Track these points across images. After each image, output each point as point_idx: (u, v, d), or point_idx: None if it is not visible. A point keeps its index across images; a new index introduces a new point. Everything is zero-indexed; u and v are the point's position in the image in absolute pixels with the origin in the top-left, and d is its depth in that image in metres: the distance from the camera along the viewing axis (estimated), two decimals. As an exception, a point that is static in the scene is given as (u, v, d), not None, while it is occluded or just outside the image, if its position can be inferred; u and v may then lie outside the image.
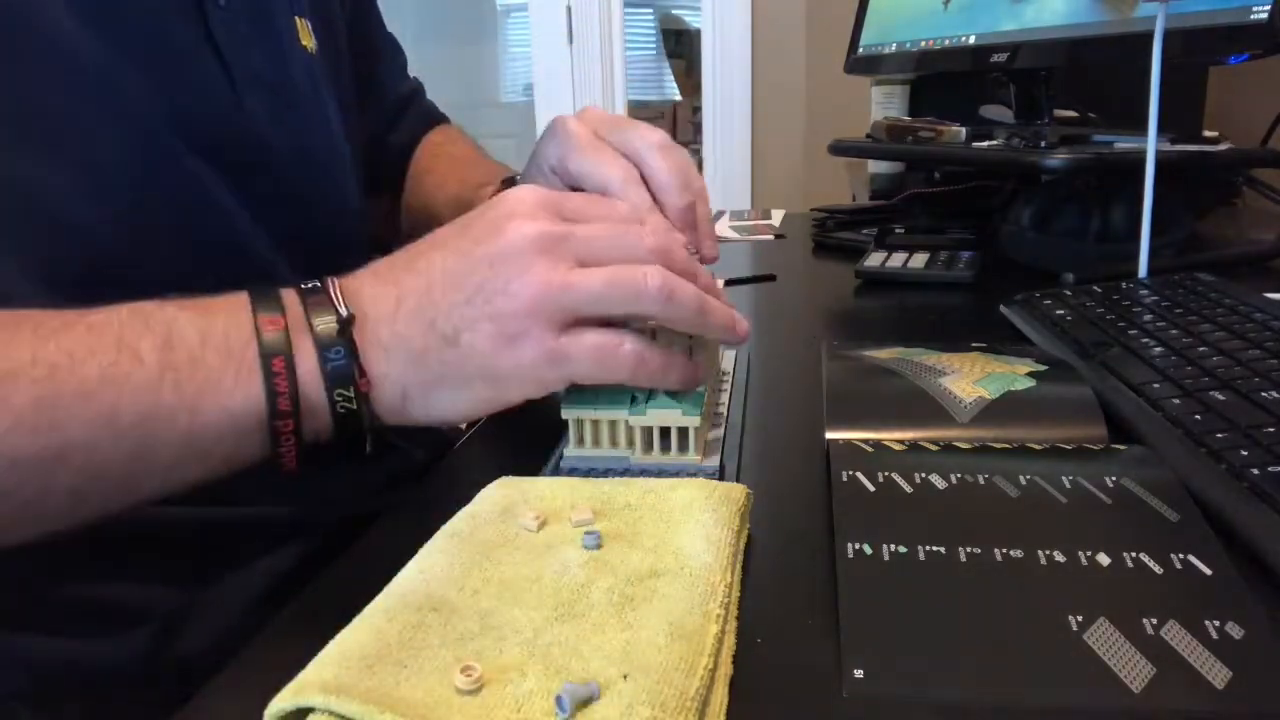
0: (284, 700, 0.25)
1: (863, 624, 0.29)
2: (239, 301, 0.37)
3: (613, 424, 0.42)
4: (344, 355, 0.36)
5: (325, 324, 0.37)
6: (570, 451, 0.42)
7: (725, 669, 0.27)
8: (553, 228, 0.38)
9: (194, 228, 0.47)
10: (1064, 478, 0.37)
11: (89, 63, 0.42)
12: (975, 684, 0.26)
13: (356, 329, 0.37)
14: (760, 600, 0.32)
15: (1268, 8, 0.65)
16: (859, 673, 0.27)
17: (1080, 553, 0.32)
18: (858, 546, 0.33)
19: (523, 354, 0.37)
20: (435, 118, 0.82)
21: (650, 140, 0.50)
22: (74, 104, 0.41)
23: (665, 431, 0.41)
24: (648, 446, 0.42)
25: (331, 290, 0.38)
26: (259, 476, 0.48)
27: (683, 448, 0.41)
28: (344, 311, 0.37)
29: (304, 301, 0.38)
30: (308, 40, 0.56)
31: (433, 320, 0.37)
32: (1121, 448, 0.40)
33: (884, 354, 0.51)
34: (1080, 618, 0.29)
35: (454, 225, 0.40)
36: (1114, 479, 0.37)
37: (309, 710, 0.25)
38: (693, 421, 0.41)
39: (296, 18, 0.55)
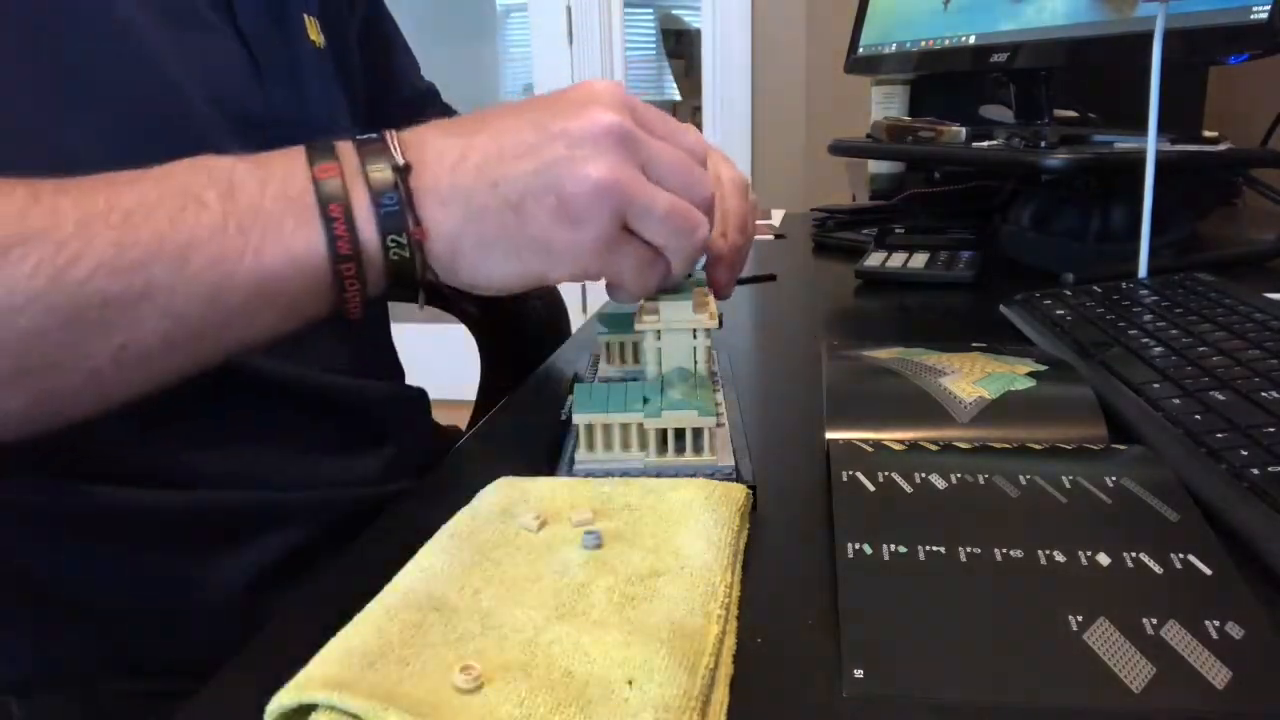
0: (287, 696, 0.25)
1: (863, 624, 0.29)
2: (295, 153, 0.38)
3: (625, 427, 0.42)
4: (397, 202, 0.37)
5: (379, 171, 0.37)
6: (581, 456, 0.42)
7: (725, 669, 0.27)
8: (631, 127, 0.38)
9: None
10: (1064, 478, 0.37)
11: (127, 26, 0.43)
12: (975, 684, 0.27)
13: (414, 177, 0.37)
14: (760, 600, 0.32)
15: (1268, 8, 0.65)
16: (859, 673, 0.27)
17: (1080, 553, 0.32)
18: (858, 546, 0.33)
19: (582, 236, 0.38)
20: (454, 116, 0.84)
21: (733, 176, 0.55)
22: (107, 60, 0.43)
23: (680, 433, 0.41)
24: (662, 448, 0.41)
25: (389, 141, 0.38)
26: (258, 463, 0.49)
27: (698, 448, 0.41)
28: (399, 160, 0.37)
29: (359, 150, 0.38)
30: (316, 37, 0.57)
31: (496, 182, 0.37)
32: (1121, 448, 0.40)
33: (884, 354, 0.51)
34: (1080, 618, 0.29)
35: (529, 100, 0.41)
36: (1114, 479, 0.37)
37: (311, 707, 0.25)
38: (709, 422, 0.41)
39: (305, 15, 0.56)
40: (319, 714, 0.24)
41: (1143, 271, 0.64)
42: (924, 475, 0.37)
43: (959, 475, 0.37)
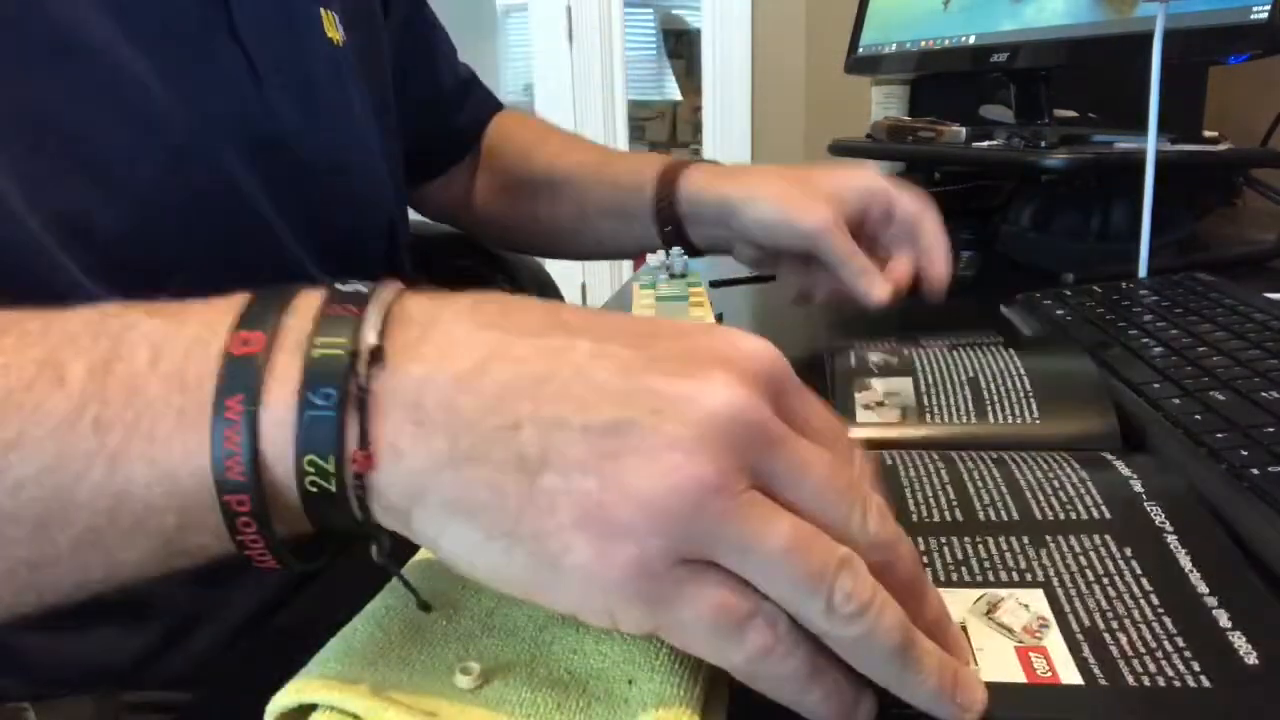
0: (287, 697, 0.25)
1: None
2: (232, 304, 0.25)
3: None
4: (334, 403, 0.23)
5: (329, 349, 0.24)
6: None
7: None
8: (763, 417, 0.24)
9: (232, 238, 0.46)
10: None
11: (115, 66, 0.41)
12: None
13: (384, 372, 0.24)
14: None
15: (1268, 8, 0.65)
16: None
17: None
18: None
19: (609, 562, 0.23)
20: (497, 103, 0.82)
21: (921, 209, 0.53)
22: (96, 113, 0.41)
23: None
24: None
25: (372, 303, 0.25)
26: None
27: None
28: (370, 338, 0.24)
29: (325, 307, 0.25)
30: (334, 33, 0.54)
31: (520, 422, 0.23)
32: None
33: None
34: None
35: (635, 317, 0.27)
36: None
37: (311, 707, 0.25)
38: None
39: (322, 9, 0.54)
40: (319, 714, 0.24)
41: (1143, 271, 0.64)
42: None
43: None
